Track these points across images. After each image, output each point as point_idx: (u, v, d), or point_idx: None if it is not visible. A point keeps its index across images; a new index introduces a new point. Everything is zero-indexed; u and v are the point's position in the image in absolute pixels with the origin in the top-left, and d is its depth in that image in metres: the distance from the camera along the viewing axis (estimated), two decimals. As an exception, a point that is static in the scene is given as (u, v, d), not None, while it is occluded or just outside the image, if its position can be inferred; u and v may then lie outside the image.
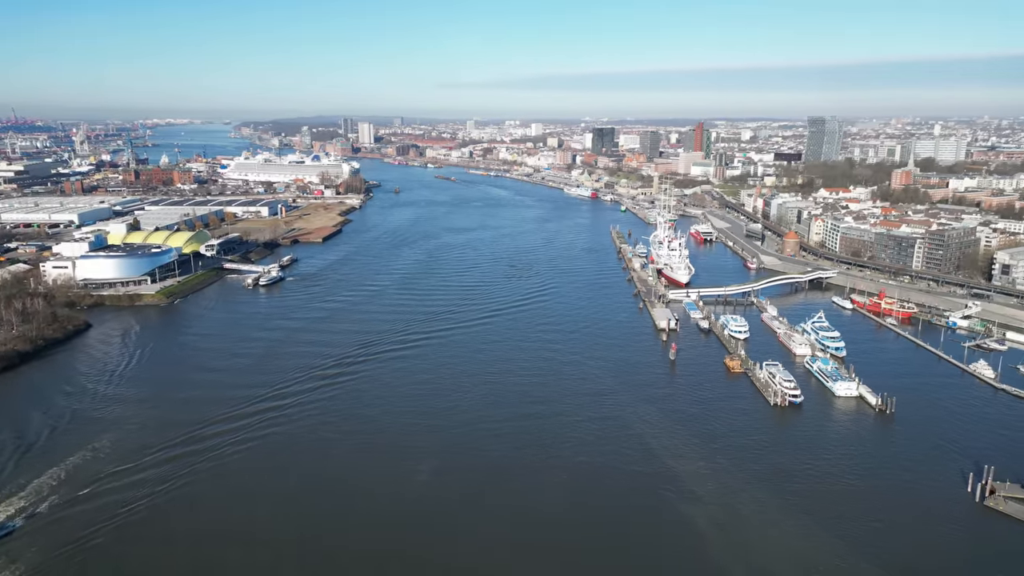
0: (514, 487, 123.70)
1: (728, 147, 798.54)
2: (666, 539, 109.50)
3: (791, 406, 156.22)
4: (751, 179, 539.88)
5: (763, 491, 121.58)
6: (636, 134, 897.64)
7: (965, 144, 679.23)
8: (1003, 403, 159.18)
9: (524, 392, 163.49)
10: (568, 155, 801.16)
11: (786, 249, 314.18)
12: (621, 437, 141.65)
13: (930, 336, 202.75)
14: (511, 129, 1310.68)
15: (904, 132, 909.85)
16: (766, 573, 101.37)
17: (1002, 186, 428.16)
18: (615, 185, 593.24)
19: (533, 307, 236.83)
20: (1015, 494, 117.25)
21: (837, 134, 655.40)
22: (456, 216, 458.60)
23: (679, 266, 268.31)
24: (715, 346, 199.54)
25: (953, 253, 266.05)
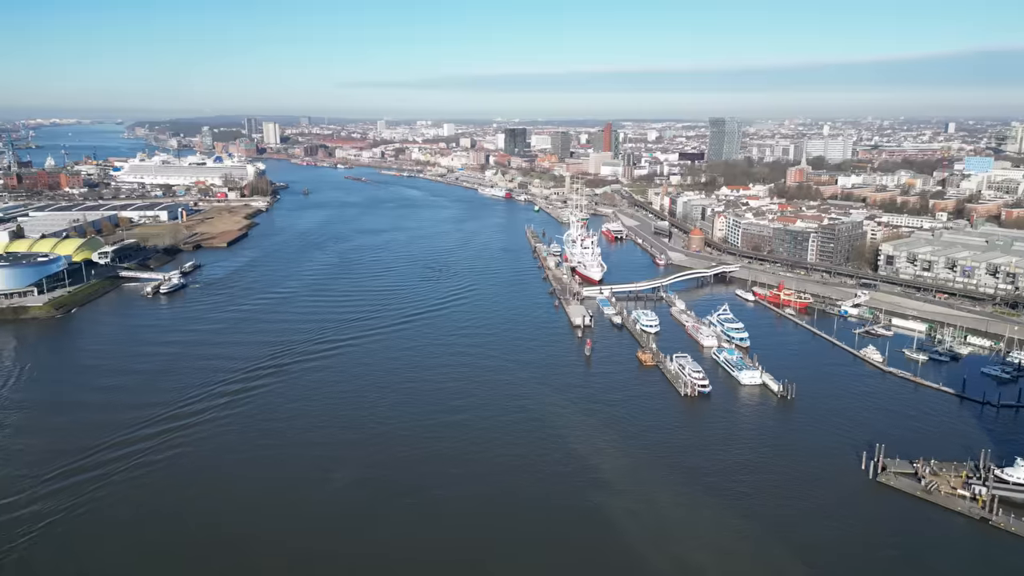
0: (432, 489, 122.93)
1: (635, 147, 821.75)
2: (584, 532, 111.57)
3: (700, 396, 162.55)
4: (658, 178, 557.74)
5: (677, 479, 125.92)
6: (548, 135, 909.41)
7: (851, 143, 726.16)
8: (890, 385, 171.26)
9: (443, 395, 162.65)
10: (481, 155, 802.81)
11: (692, 245, 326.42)
12: (539, 434, 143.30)
13: (824, 324, 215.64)
14: (423, 129, 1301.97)
15: (797, 132, 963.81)
16: (682, 560, 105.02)
17: (885, 182, 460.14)
18: (529, 185, 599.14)
19: (451, 309, 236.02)
20: (903, 470, 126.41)
21: (736, 134, 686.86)
22: (369, 217, 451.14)
23: (592, 264, 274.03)
24: (628, 340, 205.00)
25: (843, 246, 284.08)
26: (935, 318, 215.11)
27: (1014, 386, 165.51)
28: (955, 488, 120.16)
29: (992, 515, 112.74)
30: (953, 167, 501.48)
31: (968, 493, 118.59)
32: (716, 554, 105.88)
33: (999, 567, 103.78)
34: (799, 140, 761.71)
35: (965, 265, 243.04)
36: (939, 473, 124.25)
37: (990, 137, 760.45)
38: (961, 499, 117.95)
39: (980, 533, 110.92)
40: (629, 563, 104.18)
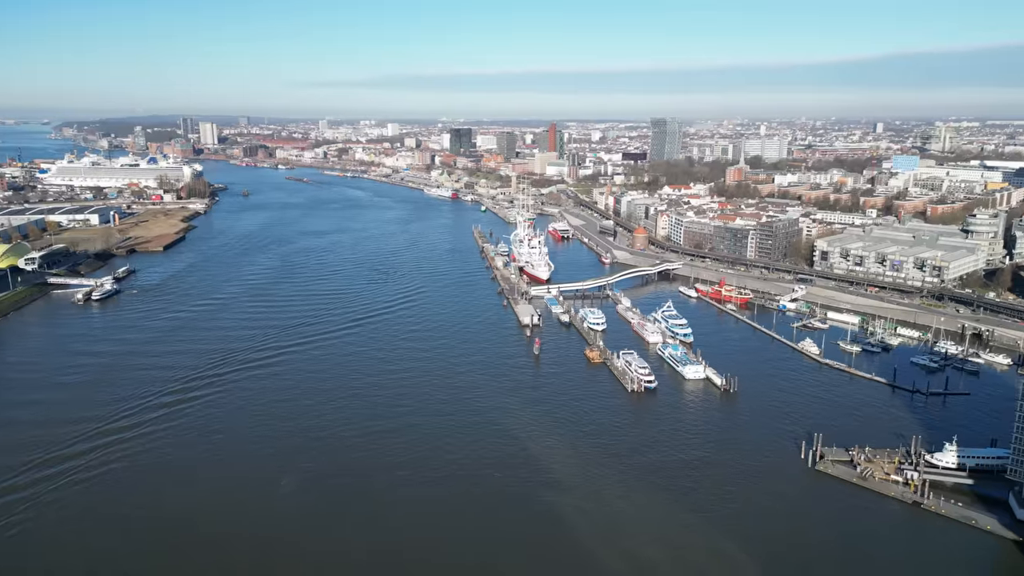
0: (381, 492, 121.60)
1: (580, 147, 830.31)
2: (535, 530, 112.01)
3: (647, 391, 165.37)
4: (602, 178, 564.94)
5: (625, 474, 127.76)
6: (493, 135, 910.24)
7: (787, 143, 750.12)
8: (827, 376, 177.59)
9: (391, 398, 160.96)
10: (427, 155, 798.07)
11: (636, 244, 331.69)
12: (489, 434, 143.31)
13: (764, 319, 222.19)
14: (367, 129, 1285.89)
15: (735, 132, 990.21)
16: (632, 555, 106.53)
17: (819, 181, 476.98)
18: (475, 185, 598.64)
19: (400, 311, 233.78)
20: (840, 458, 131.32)
21: (677, 134, 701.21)
22: (312, 219, 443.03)
23: (539, 263, 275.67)
24: (576, 338, 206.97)
25: (780, 243, 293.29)
26: (867, 311, 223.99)
27: (941, 374, 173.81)
28: (889, 474, 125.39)
29: (923, 499, 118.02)
30: (881, 166, 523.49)
31: (901, 478, 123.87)
32: (665, 548, 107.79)
33: (930, 549, 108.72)
34: (737, 140, 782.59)
35: (894, 260, 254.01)
36: (873, 460, 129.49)
37: (915, 137, 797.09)
38: (894, 484, 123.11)
39: (912, 516, 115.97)
40: (580, 560, 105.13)
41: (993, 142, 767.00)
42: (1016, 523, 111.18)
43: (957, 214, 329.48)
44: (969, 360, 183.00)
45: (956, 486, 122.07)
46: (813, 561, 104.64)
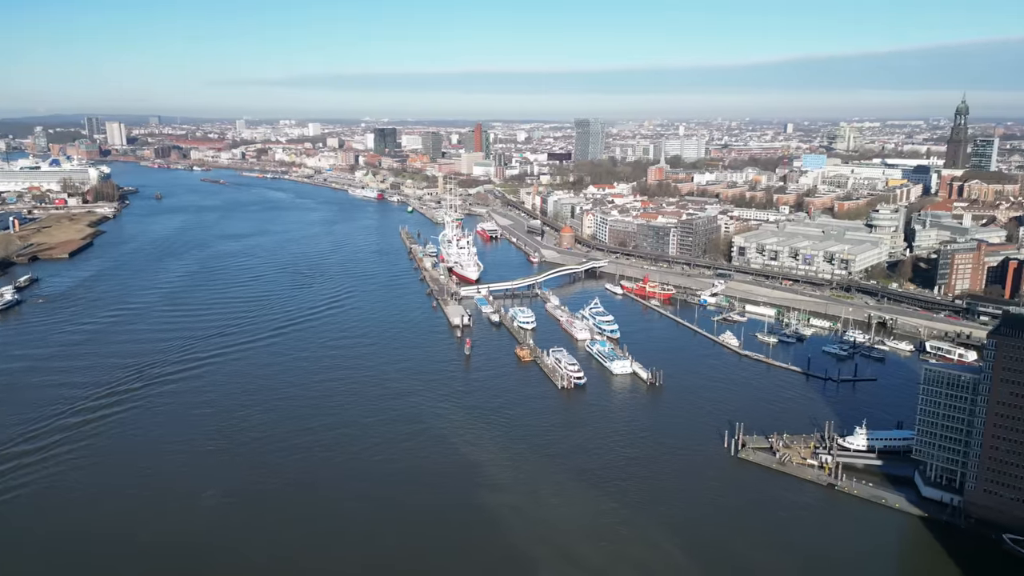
0: (312, 502, 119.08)
1: (506, 148, 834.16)
2: (470, 532, 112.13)
3: (576, 387, 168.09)
4: (528, 178, 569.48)
5: (558, 472, 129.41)
6: (418, 135, 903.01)
7: (704, 143, 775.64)
8: (746, 367, 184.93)
9: (319, 405, 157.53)
10: (350, 156, 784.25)
11: (563, 243, 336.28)
12: (421, 436, 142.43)
13: (686, 313, 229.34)
14: (287, 129, 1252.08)
15: (655, 132, 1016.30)
16: (566, 550, 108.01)
17: (735, 179, 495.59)
18: (401, 186, 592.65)
19: (327, 315, 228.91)
20: (760, 445, 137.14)
21: (600, 135, 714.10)
22: (231, 222, 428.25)
23: (468, 263, 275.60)
24: (506, 338, 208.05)
25: (700, 239, 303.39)
26: (782, 303, 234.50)
27: (851, 362, 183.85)
28: (805, 458, 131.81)
29: (837, 481, 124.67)
30: (792, 164, 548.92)
31: (816, 462, 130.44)
32: (597, 541, 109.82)
33: (845, 528, 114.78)
34: (658, 140, 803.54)
35: (806, 254, 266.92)
36: (791, 446, 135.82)
37: (823, 136, 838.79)
38: (811, 468, 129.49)
39: (828, 498, 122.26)
40: (515, 559, 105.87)
41: (893, 141, 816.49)
42: (921, 500, 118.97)
43: (862, 210, 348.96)
44: (875, 348, 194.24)
45: (867, 467, 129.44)
46: (738, 546, 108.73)
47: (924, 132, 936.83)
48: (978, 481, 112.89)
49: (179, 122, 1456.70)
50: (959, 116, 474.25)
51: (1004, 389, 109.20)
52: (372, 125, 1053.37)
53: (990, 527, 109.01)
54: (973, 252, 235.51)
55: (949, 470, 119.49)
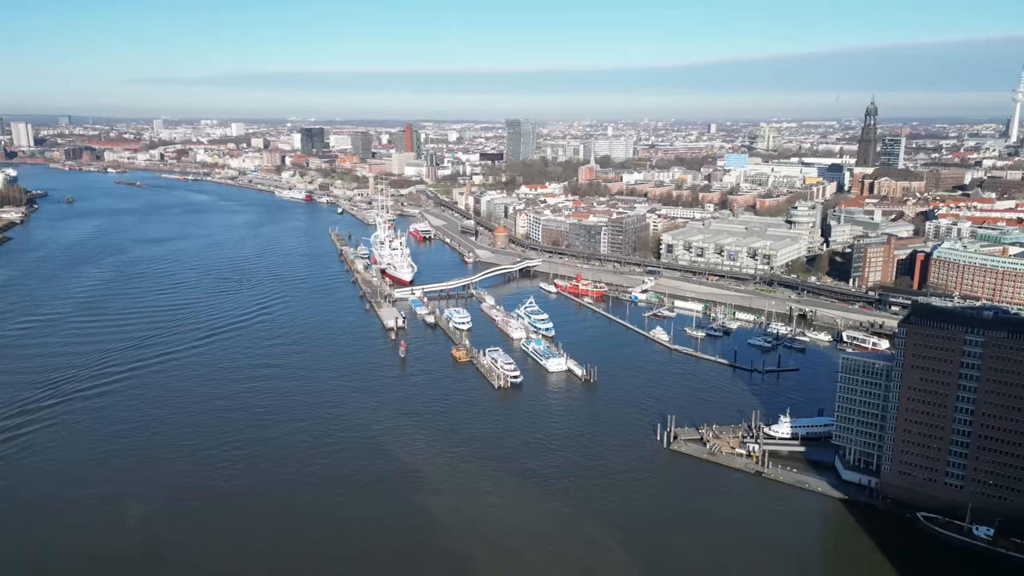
0: (245, 514, 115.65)
1: (437, 148, 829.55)
2: (409, 535, 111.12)
3: (513, 386, 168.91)
4: (461, 178, 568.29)
5: (495, 470, 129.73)
6: (347, 135, 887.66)
7: (632, 143, 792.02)
8: (676, 361, 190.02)
9: (249, 414, 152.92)
10: (276, 156, 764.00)
11: (497, 242, 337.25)
12: (357, 442, 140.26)
13: (618, 310, 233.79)
14: (208, 129, 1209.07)
15: (585, 133, 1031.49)
16: (505, 549, 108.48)
17: (662, 178, 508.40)
18: (330, 187, 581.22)
19: (255, 322, 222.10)
20: (691, 436, 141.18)
21: (531, 135, 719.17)
22: (150, 226, 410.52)
23: (402, 265, 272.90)
24: (442, 339, 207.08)
25: (630, 237, 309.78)
26: (709, 298, 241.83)
27: (774, 353, 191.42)
28: (734, 448, 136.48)
29: (764, 468, 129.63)
30: (716, 163, 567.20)
31: (744, 451, 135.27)
32: (536, 538, 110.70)
33: (771, 513, 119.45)
34: (587, 140, 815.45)
35: (730, 250, 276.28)
36: (720, 436, 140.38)
37: (744, 136, 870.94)
38: (739, 457, 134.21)
39: (755, 485, 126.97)
40: (454, 560, 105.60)
41: (809, 141, 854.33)
42: (842, 483, 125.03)
43: (782, 207, 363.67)
44: (797, 339, 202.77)
45: (791, 454, 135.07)
46: (673, 537, 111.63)
47: (837, 132, 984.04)
48: (893, 463, 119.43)
49: (91, 122, 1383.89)
50: (869, 117, 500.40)
51: (914, 375, 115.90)
52: (299, 125, 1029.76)
53: (905, 507, 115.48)
54: (884, 246, 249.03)
55: (866, 454, 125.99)
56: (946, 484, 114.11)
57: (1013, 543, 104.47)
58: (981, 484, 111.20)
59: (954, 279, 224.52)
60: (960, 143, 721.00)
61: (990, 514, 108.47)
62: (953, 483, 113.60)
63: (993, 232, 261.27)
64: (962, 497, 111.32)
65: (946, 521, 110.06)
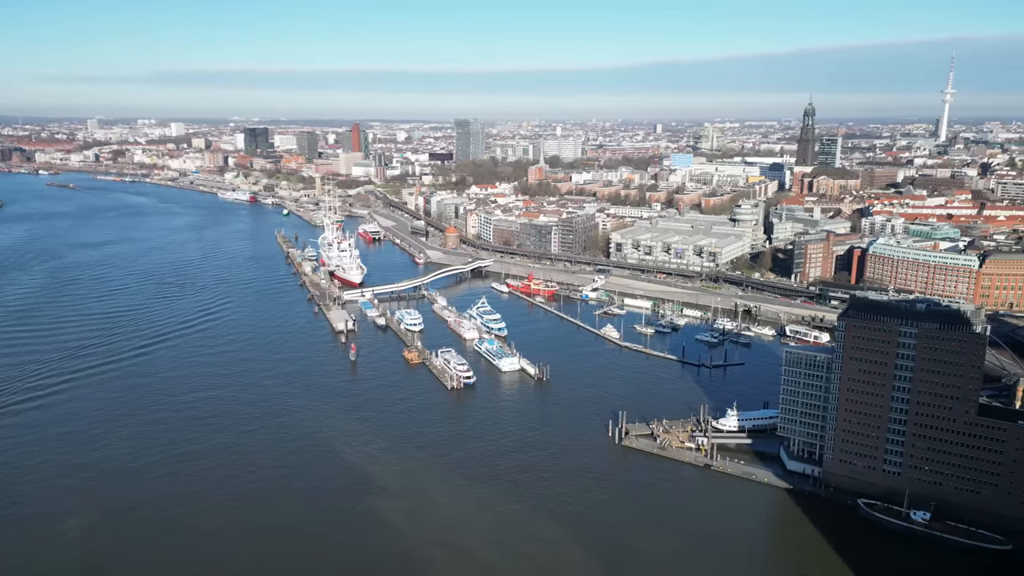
0: (191, 524, 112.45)
1: (385, 148, 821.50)
2: (363, 541, 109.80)
3: (466, 387, 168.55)
4: (410, 178, 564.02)
5: (450, 472, 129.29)
6: (292, 135, 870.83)
7: (581, 143, 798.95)
8: (627, 358, 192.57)
9: (195, 423, 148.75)
10: (219, 157, 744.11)
11: (448, 243, 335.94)
12: (308, 448, 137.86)
13: (569, 309, 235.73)
14: (146, 129, 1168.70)
15: (534, 133, 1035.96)
16: (459, 550, 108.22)
17: (610, 178, 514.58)
18: (276, 188, 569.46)
19: (200, 328, 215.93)
20: (642, 432, 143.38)
21: (481, 135, 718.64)
22: (85, 230, 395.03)
23: (351, 267, 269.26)
24: (393, 341, 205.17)
25: (580, 237, 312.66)
26: (658, 295, 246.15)
27: (721, 348, 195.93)
28: (683, 442, 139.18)
29: (713, 461, 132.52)
30: (662, 163, 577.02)
31: (693, 445, 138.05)
32: (491, 539, 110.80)
33: (720, 504, 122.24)
34: (536, 140, 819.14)
35: (677, 248, 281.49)
36: (670, 431, 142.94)
37: (689, 136, 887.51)
38: (688, 451, 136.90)
39: (705, 478, 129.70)
40: (408, 563, 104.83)
41: (751, 140, 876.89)
42: (787, 473, 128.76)
43: (726, 205, 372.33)
44: (742, 334, 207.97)
45: (739, 447, 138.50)
46: (626, 532, 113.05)
47: (778, 132, 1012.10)
48: (834, 452, 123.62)
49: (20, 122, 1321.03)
50: (807, 117, 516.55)
51: (853, 366, 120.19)
52: (242, 125, 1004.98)
53: (847, 494, 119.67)
54: (823, 242, 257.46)
55: (810, 444, 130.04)
56: (884, 471, 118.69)
57: (948, 526, 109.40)
58: (917, 470, 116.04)
59: (889, 273, 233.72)
60: (893, 143, 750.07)
61: (926, 499, 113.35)
62: (891, 470, 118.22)
63: (924, 228, 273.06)
64: (900, 483, 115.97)
65: (885, 507, 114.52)
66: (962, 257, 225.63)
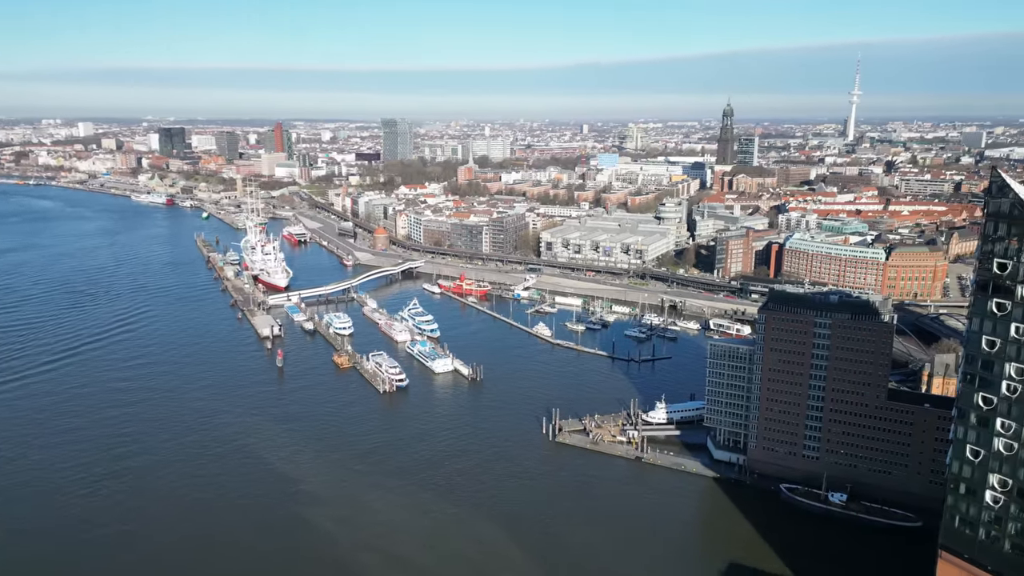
0: (110, 546, 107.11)
1: (310, 148, 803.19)
2: (293, 552, 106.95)
3: (399, 390, 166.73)
4: (337, 179, 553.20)
5: (383, 476, 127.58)
6: (211, 134, 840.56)
7: (509, 143, 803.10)
8: (559, 355, 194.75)
9: (113, 440, 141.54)
10: (132, 158, 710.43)
11: (377, 244, 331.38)
12: (234, 460, 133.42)
13: (502, 308, 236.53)
14: (51, 129, 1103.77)
15: (463, 133, 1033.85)
16: (394, 556, 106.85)
17: (539, 178, 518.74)
18: (194, 190, 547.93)
19: (116, 338, 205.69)
20: (575, 428, 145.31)
21: (408, 135, 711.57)
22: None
23: (276, 270, 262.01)
24: (322, 345, 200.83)
25: (511, 236, 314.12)
26: (588, 293, 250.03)
27: (649, 343, 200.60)
28: (615, 436, 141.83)
29: (643, 453, 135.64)
30: (589, 163, 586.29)
31: (625, 438, 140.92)
32: (426, 542, 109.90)
33: (651, 495, 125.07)
34: (465, 140, 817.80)
35: (605, 246, 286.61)
36: (602, 425, 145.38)
37: (614, 136, 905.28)
38: (620, 444, 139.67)
39: (636, 470, 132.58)
40: (342, 570, 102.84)
41: (674, 140, 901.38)
42: (714, 462, 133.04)
43: (651, 203, 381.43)
44: (669, 328, 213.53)
45: (668, 438, 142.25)
46: (562, 528, 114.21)
47: (699, 132, 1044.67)
48: (757, 440, 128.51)
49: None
50: (726, 118, 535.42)
51: (773, 357, 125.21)
52: (156, 124, 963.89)
53: (770, 480, 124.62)
54: (743, 238, 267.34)
55: (735, 433, 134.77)
56: (804, 456, 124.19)
57: (863, 506, 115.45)
58: (834, 454, 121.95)
59: (804, 267, 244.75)
60: (806, 142, 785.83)
61: (843, 481, 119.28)
62: (810, 455, 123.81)
63: (836, 223, 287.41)
64: (818, 467, 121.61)
65: (806, 491, 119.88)
66: (870, 250, 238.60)
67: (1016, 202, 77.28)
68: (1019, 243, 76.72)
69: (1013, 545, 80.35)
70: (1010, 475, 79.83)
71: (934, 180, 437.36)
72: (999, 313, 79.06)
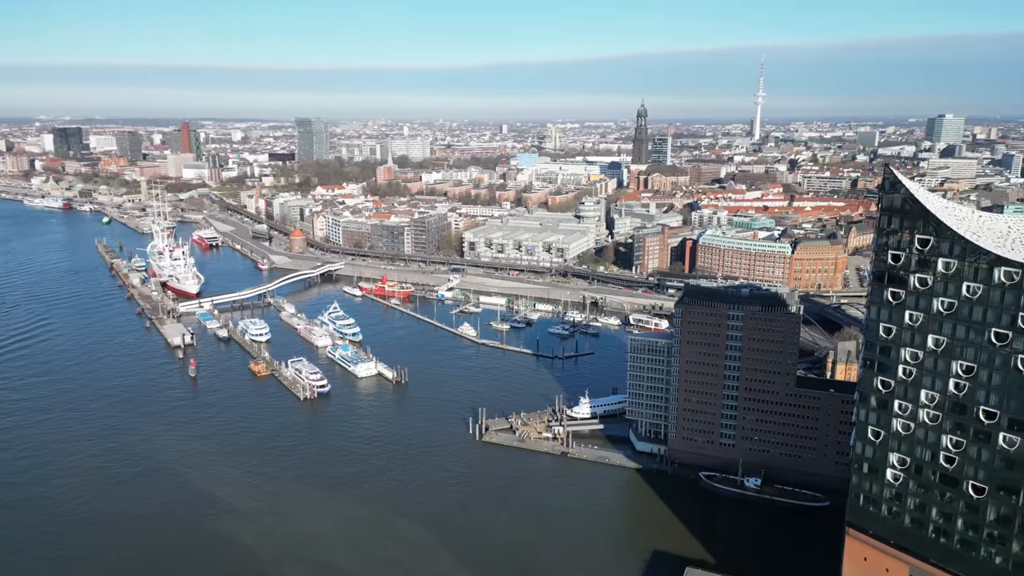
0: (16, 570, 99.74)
1: (220, 148, 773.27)
2: (212, 569, 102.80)
3: (320, 396, 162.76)
4: (249, 180, 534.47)
5: (306, 485, 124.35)
6: (112, 135, 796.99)
7: (429, 143, 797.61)
8: (484, 355, 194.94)
9: (10, 460, 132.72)
10: (23, 160, 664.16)
11: (294, 247, 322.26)
12: (144, 477, 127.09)
13: (426, 309, 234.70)
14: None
15: (381, 133, 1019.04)
16: (319, 564, 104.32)
17: (460, 178, 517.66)
18: (94, 193, 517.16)
19: (12, 353, 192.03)
20: (501, 427, 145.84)
21: (324, 135, 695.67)
22: None
23: (186, 276, 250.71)
24: (238, 353, 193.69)
25: (433, 237, 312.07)
26: (511, 292, 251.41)
27: (572, 340, 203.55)
28: (541, 432, 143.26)
29: (569, 448, 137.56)
30: (510, 162, 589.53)
31: (551, 435, 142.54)
32: (353, 548, 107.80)
33: (577, 489, 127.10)
34: (384, 140, 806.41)
35: (527, 245, 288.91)
36: (528, 423, 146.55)
37: (534, 136, 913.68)
38: (546, 441, 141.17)
39: (562, 464, 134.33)
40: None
41: (591, 140, 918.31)
42: (636, 454, 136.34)
43: (570, 203, 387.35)
44: (591, 325, 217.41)
45: (592, 432, 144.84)
46: (489, 525, 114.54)
47: (615, 132, 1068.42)
48: (677, 431, 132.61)
49: None
50: (640, 118, 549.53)
51: (690, 349, 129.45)
52: (50, 124, 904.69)
53: (690, 469, 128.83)
54: (659, 235, 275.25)
55: (656, 425, 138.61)
56: (721, 444, 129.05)
57: (776, 489, 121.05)
58: (748, 440, 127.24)
59: (717, 262, 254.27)
60: (715, 141, 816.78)
61: (757, 467, 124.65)
62: (727, 443, 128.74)
63: (745, 219, 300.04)
64: (734, 454, 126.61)
65: (723, 477, 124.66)
66: (777, 245, 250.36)
67: (907, 197, 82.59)
68: (911, 235, 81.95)
69: (913, 519, 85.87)
70: (908, 453, 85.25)
71: (833, 177, 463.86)
72: (894, 302, 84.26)
